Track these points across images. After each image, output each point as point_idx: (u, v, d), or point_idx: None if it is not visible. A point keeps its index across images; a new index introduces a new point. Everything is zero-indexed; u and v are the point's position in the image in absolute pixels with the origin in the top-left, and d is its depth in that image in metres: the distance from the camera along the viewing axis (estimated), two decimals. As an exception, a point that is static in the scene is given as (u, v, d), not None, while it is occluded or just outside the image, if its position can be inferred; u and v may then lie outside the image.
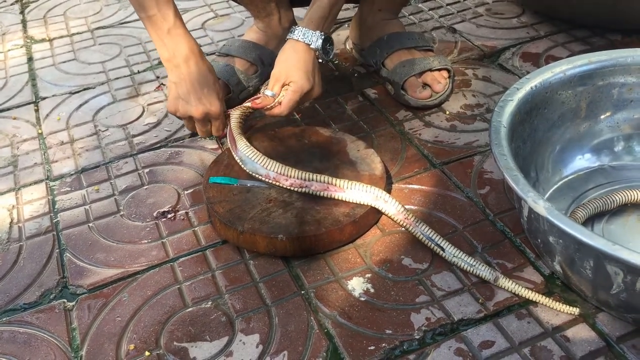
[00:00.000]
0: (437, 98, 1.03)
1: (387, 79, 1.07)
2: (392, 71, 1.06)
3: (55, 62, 1.29)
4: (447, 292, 0.73)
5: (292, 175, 0.82)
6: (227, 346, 0.69)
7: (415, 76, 1.04)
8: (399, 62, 1.06)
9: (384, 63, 1.09)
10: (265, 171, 0.83)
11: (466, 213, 0.83)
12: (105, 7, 1.52)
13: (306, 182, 0.81)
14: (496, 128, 0.74)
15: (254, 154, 0.85)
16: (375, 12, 1.10)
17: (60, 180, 0.97)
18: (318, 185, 0.81)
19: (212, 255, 0.81)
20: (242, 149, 0.86)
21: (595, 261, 0.61)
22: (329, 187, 0.81)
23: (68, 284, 0.79)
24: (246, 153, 0.86)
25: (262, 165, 0.83)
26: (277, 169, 0.82)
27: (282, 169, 0.82)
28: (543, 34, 1.23)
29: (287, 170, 0.82)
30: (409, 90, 1.04)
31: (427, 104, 1.03)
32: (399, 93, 1.04)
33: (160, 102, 1.13)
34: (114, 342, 0.71)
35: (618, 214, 0.79)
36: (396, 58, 1.07)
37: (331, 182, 0.81)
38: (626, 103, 0.85)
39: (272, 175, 0.83)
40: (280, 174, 0.82)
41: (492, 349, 0.66)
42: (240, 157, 0.87)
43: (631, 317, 0.66)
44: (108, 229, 0.86)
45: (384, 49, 1.08)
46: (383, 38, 1.09)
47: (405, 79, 1.04)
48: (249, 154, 0.85)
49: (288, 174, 0.82)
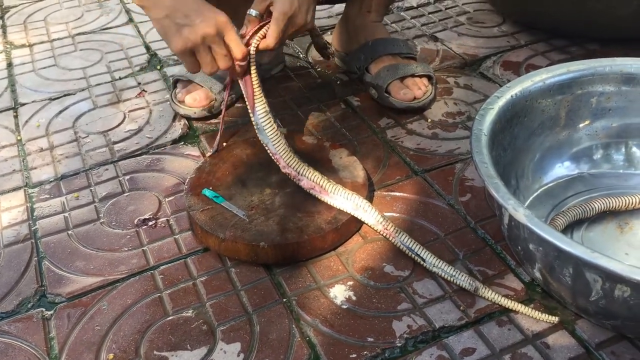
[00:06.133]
0: (420, 102, 1.04)
1: (370, 84, 1.08)
2: (376, 75, 1.07)
3: (35, 68, 1.28)
4: (428, 300, 0.73)
5: (290, 165, 0.84)
6: (208, 355, 0.68)
7: (399, 80, 1.05)
8: (383, 67, 1.06)
9: (367, 68, 1.10)
10: (273, 149, 0.84)
11: (447, 220, 0.84)
12: (86, 13, 1.50)
13: (298, 176, 0.84)
14: (477, 136, 0.74)
15: (269, 126, 0.84)
16: (364, 14, 1.11)
17: (39, 187, 0.96)
18: (307, 182, 0.83)
19: (193, 263, 0.80)
20: (259, 113, 0.84)
21: (575, 268, 0.62)
22: (315, 187, 0.83)
23: (46, 293, 0.78)
24: (262, 121, 0.84)
25: (272, 142, 0.84)
26: (282, 153, 0.84)
27: (286, 154, 0.84)
28: (523, 43, 1.25)
29: (288, 157, 0.84)
30: (393, 93, 1.04)
31: (412, 106, 1.04)
32: (383, 96, 1.05)
33: (142, 109, 1.12)
34: (93, 352, 0.70)
35: (597, 222, 0.80)
36: (380, 63, 1.08)
37: (318, 183, 0.82)
38: (604, 112, 0.86)
39: (276, 156, 0.84)
40: (282, 158, 0.84)
41: (473, 356, 0.66)
42: (256, 122, 0.85)
43: (610, 324, 0.66)
44: (88, 236, 0.85)
45: (369, 54, 1.09)
46: (368, 44, 1.10)
47: (388, 82, 1.04)
48: (265, 125, 0.84)
49: (288, 162, 0.84)
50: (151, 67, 1.25)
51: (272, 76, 1.18)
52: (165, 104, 1.12)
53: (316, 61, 1.23)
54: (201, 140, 1.03)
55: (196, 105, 1.06)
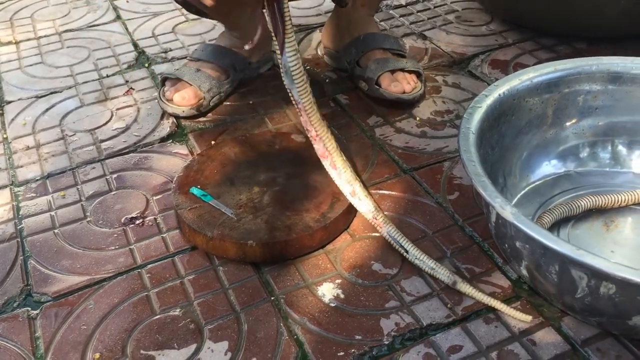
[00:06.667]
0: (410, 95, 1.04)
1: (360, 77, 1.08)
2: (366, 68, 1.07)
3: (22, 66, 1.27)
4: (416, 297, 0.73)
5: (312, 122, 0.76)
6: (195, 354, 0.68)
7: (389, 72, 1.05)
8: (374, 59, 1.07)
9: (358, 62, 1.10)
10: (297, 97, 0.75)
11: (436, 218, 0.84)
12: (73, 10, 1.49)
13: (316, 138, 0.77)
14: (465, 134, 0.74)
15: (298, 69, 0.74)
16: (358, 8, 1.11)
17: (25, 185, 0.95)
18: (321, 149, 0.78)
19: (181, 261, 0.80)
20: (289, 52, 0.73)
21: (561, 266, 0.62)
22: (326, 157, 0.78)
23: (32, 292, 0.77)
24: (291, 62, 0.73)
25: (298, 89, 0.75)
26: (307, 104, 0.75)
27: (310, 107, 0.76)
28: (511, 42, 1.25)
29: (312, 111, 0.76)
30: (383, 84, 1.05)
31: (402, 98, 1.04)
32: (373, 88, 1.05)
33: (130, 107, 1.11)
34: (79, 351, 0.69)
35: (583, 219, 0.80)
36: (371, 56, 1.08)
37: (332, 154, 0.78)
38: (591, 110, 0.87)
39: (299, 105, 0.76)
40: (305, 110, 0.76)
41: (460, 353, 0.67)
42: (283, 64, 0.74)
43: (595, 321, 0.67)
44: (74, 235, 0.85)
45: (360, 47, 1.09)
46: (359, 38, 1.10)
47: (379, 74, 1.05)
48: (294, 67, 0.73)
49: (310, 116, 0.76)
50: (139, 65, 1.24)
51: (261, 74, 1.18)
52: (153, 102, 1.12)
53: (305, 59, 1.22)
54: (189, 139, 1.02)
55: (185, 103, 1.05)
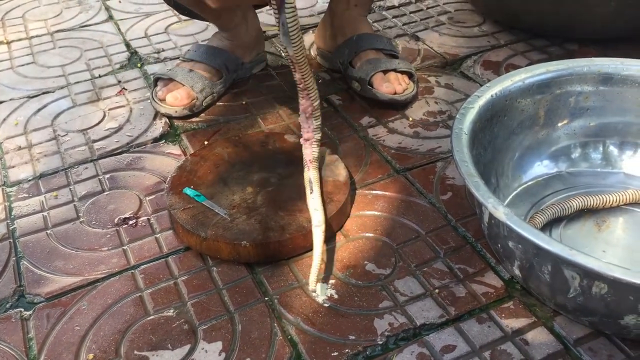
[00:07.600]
0: (403, 96, 1.04)
1: (353, 77, 1.08)
2: (359, 68, 1.07)
3: (13, 66, 1.26)
4: (409, 297, 0.73)
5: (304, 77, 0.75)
6: (189, 354, 0.68)
7: (382, 72, 1.06)
8: (366, 60, 1.07)
9: (351, 62, 1.10)
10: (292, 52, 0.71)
11: (428, 219, 0.84)
12: (65, 10, 1.49)
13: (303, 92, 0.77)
14: (457, 135, 0.75)
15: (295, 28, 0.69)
16: (352, 8, 1.11)
17: (17, 186, 0.94)
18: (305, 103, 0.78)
19: (175, 262, 0.80)
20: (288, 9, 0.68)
21: (553, 266, 0.63)
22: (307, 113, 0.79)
23: (25, 293, 0.77)
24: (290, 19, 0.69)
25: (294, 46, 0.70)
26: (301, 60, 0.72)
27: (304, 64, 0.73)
28: (503, 43, 1.26)
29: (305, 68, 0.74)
30: (375, 85, 1.05)
31: (395, 99, 1.04)
32: (366, 88, 1.05)
33: (122, 107, 1.11)
34: (73, 352, 0.69)
35: (575, 220, 0.81)
36: (364, 57, 1.08)
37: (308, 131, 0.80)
38: (582, 111, 0.87)
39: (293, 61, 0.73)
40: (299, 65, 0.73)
41: (454, 353, 0.67)
42: (282, 22, 0.69)
43: (587, 320, 0.67)
44: (67, 236, 0.84)
45: (353, 48, 1.10)
46: (352, 38, 1.10)
47: (372, 75, 1.05)
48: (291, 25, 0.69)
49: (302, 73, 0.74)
50: (131, 65, 1.24)
51: (254, 75, 1.18)
52: (146, 102, 1.12)
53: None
54: (182, 139, 1.02)
55: (177, 104, 1.05)
